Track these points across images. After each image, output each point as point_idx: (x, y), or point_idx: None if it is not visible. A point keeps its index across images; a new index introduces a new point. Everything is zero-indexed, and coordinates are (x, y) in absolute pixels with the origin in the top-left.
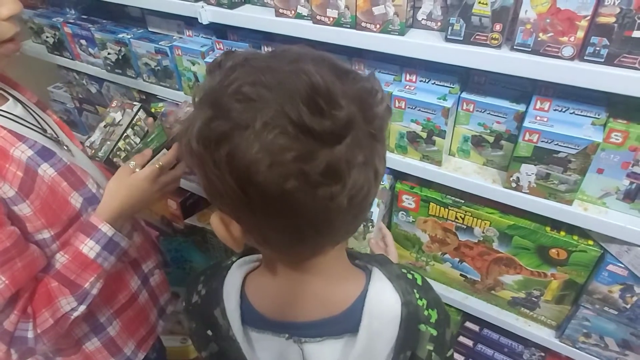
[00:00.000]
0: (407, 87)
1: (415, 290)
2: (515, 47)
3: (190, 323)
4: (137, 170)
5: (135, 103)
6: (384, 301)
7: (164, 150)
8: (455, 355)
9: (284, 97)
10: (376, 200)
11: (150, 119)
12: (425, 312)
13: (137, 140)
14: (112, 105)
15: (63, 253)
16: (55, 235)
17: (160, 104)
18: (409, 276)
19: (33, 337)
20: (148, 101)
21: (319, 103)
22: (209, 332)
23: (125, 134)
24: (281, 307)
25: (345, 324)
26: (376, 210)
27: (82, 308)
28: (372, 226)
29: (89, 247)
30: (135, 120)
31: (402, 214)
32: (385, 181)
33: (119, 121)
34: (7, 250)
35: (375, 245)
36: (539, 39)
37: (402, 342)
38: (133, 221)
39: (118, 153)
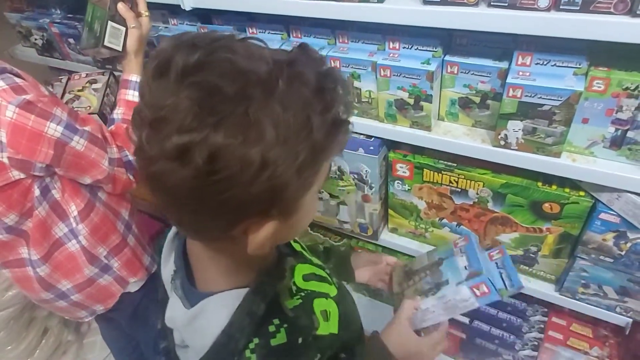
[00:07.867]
0: (391, 55)
1: (255, 340)
2: (492, 3)
3: None
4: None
5: None
6: (214, 313)
7: (111, 23)
8: (460, 317)
9: None
10: (449, 275)
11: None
12: None
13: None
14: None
15: (117, 107)
16: None
17: None
18: (271, 328)
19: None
20: None
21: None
22: None
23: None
24: (190, 250)
25: (191, 300)
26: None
27: None
28: (422, 293)
29: (131, 95)
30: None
31: (398, 182)
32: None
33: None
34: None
35: (408, 309)
36: None
37: None
38: None
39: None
